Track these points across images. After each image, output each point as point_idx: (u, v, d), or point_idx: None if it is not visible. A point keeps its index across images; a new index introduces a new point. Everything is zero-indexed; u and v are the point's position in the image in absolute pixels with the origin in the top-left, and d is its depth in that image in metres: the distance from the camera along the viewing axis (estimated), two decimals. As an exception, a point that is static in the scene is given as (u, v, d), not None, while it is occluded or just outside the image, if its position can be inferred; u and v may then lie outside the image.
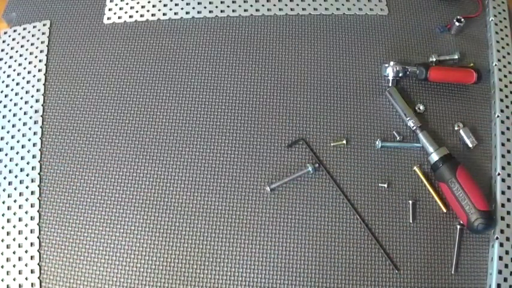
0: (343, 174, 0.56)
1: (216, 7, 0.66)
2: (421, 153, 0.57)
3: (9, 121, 0.60)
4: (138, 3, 0.67)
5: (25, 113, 0.60)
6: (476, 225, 0.50)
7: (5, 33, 0.66)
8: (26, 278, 0.52)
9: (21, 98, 0.61)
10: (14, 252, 0.53)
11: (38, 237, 0.53)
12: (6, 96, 0.61)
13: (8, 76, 0.62)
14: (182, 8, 0.66)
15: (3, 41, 0.65)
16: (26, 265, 0.52)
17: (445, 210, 0.54)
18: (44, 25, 0.66)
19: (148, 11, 0.66)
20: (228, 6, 0.66)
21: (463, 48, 0.63)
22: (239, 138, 0.58)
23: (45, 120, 0.60)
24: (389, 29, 0.65)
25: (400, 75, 0.59)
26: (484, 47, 0.64)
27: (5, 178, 0.56)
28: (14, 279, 0.52)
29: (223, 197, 0.55)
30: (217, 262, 0.52)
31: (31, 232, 0.54)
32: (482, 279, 0.52)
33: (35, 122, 0.59)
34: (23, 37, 0.65)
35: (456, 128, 0.58)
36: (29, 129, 0.59)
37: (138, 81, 0.61)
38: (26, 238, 0.53)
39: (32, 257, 0.53)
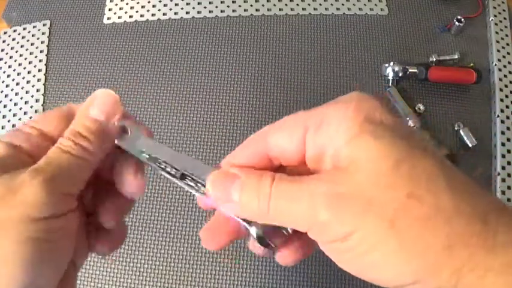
0: (343, 174, 0.56)
1: (216, 7, 0.66)
2: (421, 153, 0.57)
3: (9, 121, 0.60)
4: (138, 3, 0.67)
5: (25, 113, 0.60)
6: (476, 225, 0.50)
7: (5, 33, 0.65)
8: (26, 278, 0.52)
9: (21, 98, 0.61)
10: (14, 252, 0.53)
11: (38, 237, 0.53)
12: (6, 96, 0.61)
13: (8, 76, 0.62)
14: (182, 8, 0.66)
15: (3, 41, 0.65)
16: (26, 265, 0.52)
17: (445, 210, 0.54)
18: (44, 25, 0.66)
19: (148, 11, 0.66)
20: (228, 6, 0.66)
21: (463, 48, 0.63)
22: (239, 138, 0.58)
23: (45, 120, 0.59)
24: (389, 29, 0.65)
25: (400, 75, 0.59)
26: (484, 47, 0.64)
27: (5, 178, 0.56)
28: (14, 279, 0.52)
29: (223, 197, 0.55)
30: (217, 262, 0.52)
31: (31, 232, 0.54)
32: (482, 279, 0.51)
33: (35, 122, 0.59)
34: (23, 37, 0.65)
35: (456, 128, 0.58)
36: (29, 129, 0.59)
37: (138, 81, 0.61)
38: (26, 238, 0.53)
39: (32, 257, 0.53)
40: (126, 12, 0.66)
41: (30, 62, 0.63)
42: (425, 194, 0.19)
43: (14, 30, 0.66)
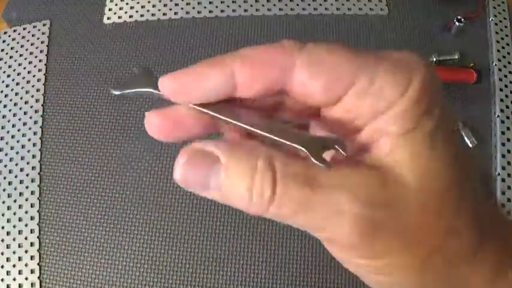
0: (343, 174, 0.56)
1: (216, 7, 0.66)
2: (421, 153, 0.57)
3: (9, 121, 0.60)
4: (138, 3, 0.67)
5: (25, 113, 0.60)
6: (477, 225, 0.50)
7: (5, 33, 0.65)
8: (26, 278, 0.52)
9: (21, 98, 0.61)
10: (14, 252, 0.53)
11: (38, 237, 0.53)
12: (6, 96, 0.61)
13: (8, 76, 0.62)
14: (182, 8, 0.66)
15: (3, 41, 0.65)
16: (26, 265, 0.52)
17: (445, 210, 0.54)
18: (44, 25, 0.66)
19: (148, 11, 0.66)
20: (228, 6, 0.66)
21: (463, 48, 0.63)
22: (239, 138, 0.58)
23: (45, 120, 0.59)
24: (389, 29, 0.65)
25: (400, 75, 0.59)
26: (484, 47, 0.64)
27: (5, 178, 0.56)
28: (14, 279, 0.52)
29: (224, 197, 0.55)
30: (217, 262, 0.52)
31: (31, 232, 0.54)
32: (483, 279, 0.51)
33: (35, 122, 0.59)
34: (23, 37, 0.65)
35: (456, 128, 0.58)
36: (29, 129, 0.59)
37: (138, 81, 0.61)
38: (26, 238, 0.53)
39: (32, 257, 0.53)
40: (126, 12, 0.66)
41: (30, 62, 0.63)
42: (464, 229, 0.18)
43: (14, 30, 0.66)
